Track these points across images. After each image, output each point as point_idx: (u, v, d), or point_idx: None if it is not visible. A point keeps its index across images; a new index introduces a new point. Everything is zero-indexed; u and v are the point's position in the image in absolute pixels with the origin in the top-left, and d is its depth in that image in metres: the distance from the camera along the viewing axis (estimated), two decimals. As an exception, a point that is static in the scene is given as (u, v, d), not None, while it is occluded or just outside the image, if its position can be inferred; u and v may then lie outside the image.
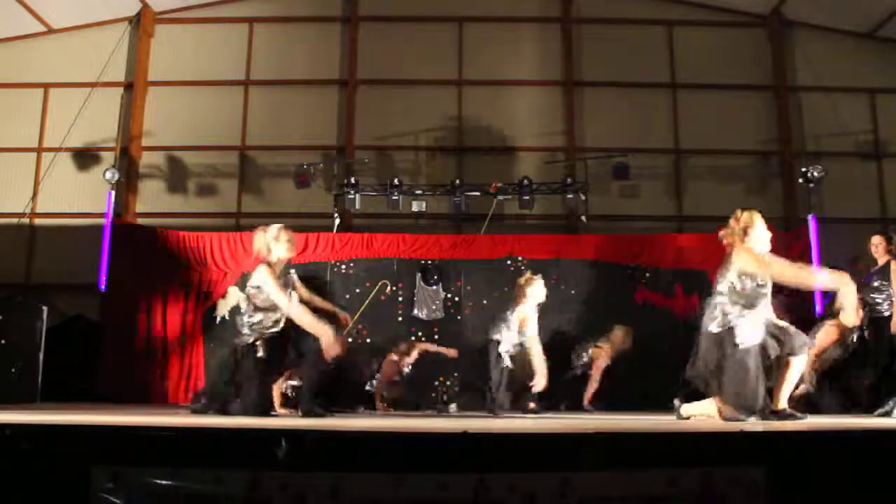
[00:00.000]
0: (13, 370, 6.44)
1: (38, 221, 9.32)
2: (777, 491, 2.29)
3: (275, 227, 4.54)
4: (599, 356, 7.20)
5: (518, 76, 9.81)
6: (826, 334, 6.13)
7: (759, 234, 4.11)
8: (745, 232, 4.06)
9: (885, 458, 2.43)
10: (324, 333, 4.27)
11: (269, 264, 4.44)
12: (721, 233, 4.17)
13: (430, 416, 5.43)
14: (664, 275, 8.28)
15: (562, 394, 7.04)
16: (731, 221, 4.12)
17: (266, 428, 2.71)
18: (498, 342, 5.94)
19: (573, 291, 8.05)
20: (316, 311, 4.49)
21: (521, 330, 5.93)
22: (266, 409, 4.28)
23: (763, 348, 3.95)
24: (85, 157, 9.54)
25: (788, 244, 8.57)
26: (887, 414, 4.50)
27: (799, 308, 7.99)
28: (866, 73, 9.65)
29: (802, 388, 6.21)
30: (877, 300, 6.33)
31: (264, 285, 4.36)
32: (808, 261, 8.32)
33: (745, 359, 3.87)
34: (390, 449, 2.46)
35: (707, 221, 8.51)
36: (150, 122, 9.69)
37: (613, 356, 7.21)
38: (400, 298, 8.18)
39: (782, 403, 4.15)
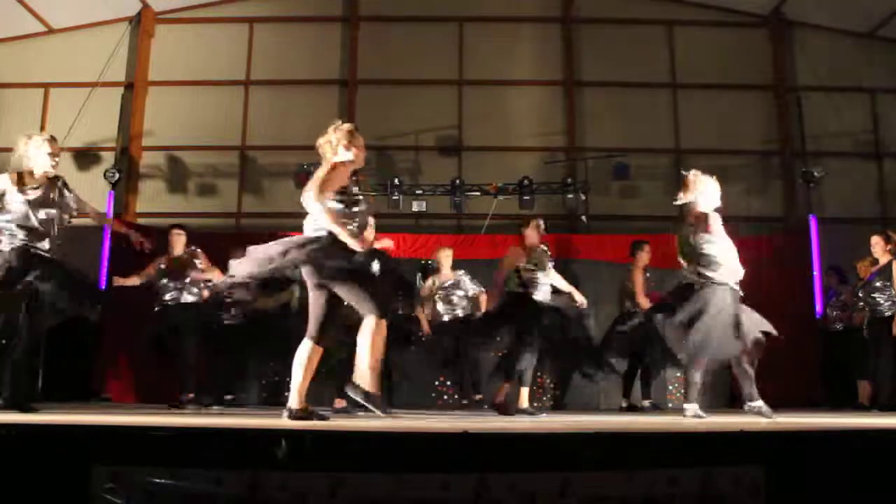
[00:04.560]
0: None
1: (38, 221, 9.32)
2: (776, 491, 2.29)
3: (39, 137, 4.43)
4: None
5: (518, 76, 9.82)
6: None
7: None
8: None
9: (885, 458, 2.43)
10: None
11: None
12: None
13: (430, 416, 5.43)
14: (665, 275, 8.26)
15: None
16: None
17: (266, 428, 2.71)
18: None
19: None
20: None
21: None
22: None
23: None
24: (85, 157, 9.54)
25: (788, 244, 8.59)
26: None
27: (799, 308, 8.02)
28: (866, 73, 9.64)
29: None
30: (878, 300, 6.34)
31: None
32: (809, 261, 8.33)
33: None
34: (390, 449, 2.46)
35: (707, 221, 8.53)
36: (150, 122, 9.69)
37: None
38: (400, 298, 8.16)
39: None
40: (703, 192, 4.66)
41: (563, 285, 5.93)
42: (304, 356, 3.63)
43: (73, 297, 4.40)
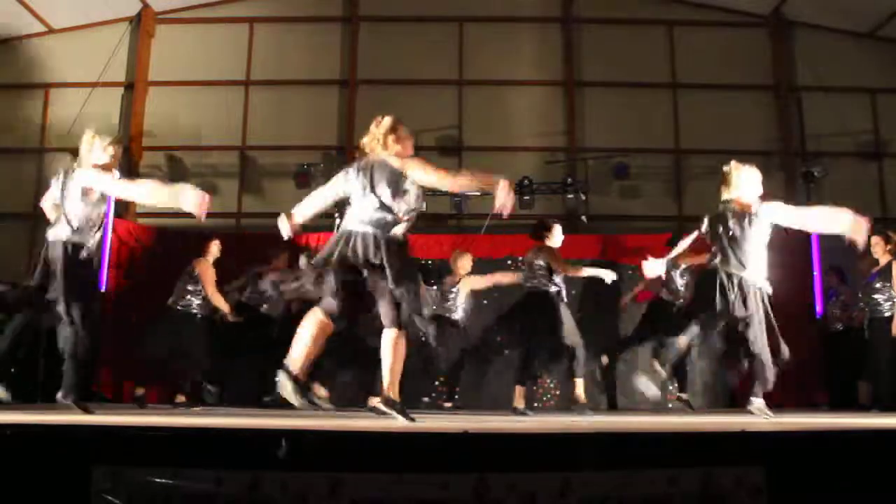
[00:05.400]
0: (13, 370, 6.43)
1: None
2: (777, 491, 2.29)
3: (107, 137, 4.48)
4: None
5: (518, 76, 9.82)
6: None
7: None
8: None
9: (885, 458, 2.43)
10: (182, 190, 4.12)
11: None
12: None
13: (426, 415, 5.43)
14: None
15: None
16: None
17: (266, 428, 2.71)
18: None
19: (574, 292, 8.03)
20: None
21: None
22: None
23: None
24: (85, 158, 9.53)
25: (788, 244, 8.57)
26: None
27: (799, 308, 8.01)
28: (866, 73, 9.64)
29: None
30: (878, 300, 6.34)
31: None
32: (809, 261, 8.32)
33: None
34: (390, 449, 2.46)
35: (707, 221, 8.52)
36: (150, 122, 9.69)
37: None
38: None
39: None
40: (745, 183, 4.69)
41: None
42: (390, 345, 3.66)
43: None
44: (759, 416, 4.35)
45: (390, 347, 3.66)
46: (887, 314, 6.21)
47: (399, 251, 3.70)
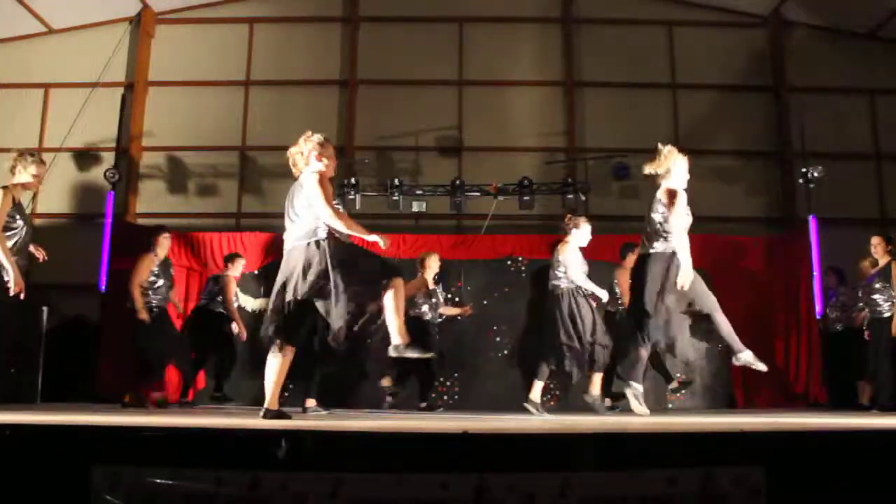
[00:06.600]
0: (13, 370, 6.44)
1: (38, 221, 9.30)
2: (776, 491, 2.29)
3: (30, 157, 4.69)
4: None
5: (518, 76, 9.81)
6: None
7: None
8: None
9: (885, 458, 2.43)
10: (12, 266, 4.41)
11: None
12: None
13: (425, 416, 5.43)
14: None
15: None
16: None
17: (266, 428, 2.71)
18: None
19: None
20: None
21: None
22: None
23: None
24: (85, 158, 9.54)
25: (788, 244, 8.58)
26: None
27: (799, 308, 8.02)
28: (866, 73, 9.64)
29: None
30: (878, 301, 6.35)
31: None
32: (809, 261, 8.31)
33: None
34: (390, 449, 2.46)
35: (707, 222, 8.50)
36: (150, 122, 9.69)
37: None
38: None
39: None
40: (676, 168, 4.64)
41: None
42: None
43: None
44: (754, 364, 4.29)
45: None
46: (887, 314, 6.22)
47: (329, 256, 3.72)
